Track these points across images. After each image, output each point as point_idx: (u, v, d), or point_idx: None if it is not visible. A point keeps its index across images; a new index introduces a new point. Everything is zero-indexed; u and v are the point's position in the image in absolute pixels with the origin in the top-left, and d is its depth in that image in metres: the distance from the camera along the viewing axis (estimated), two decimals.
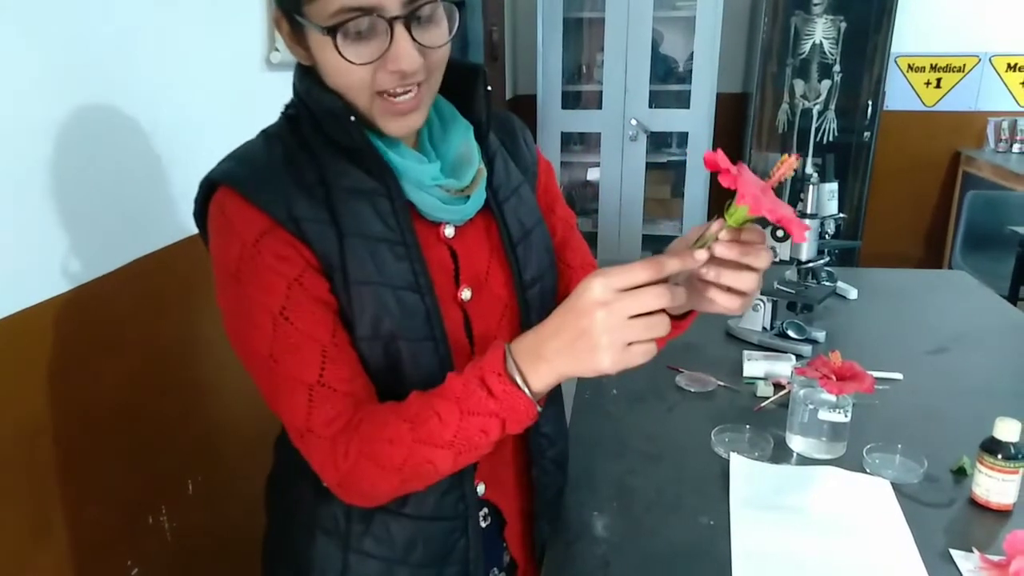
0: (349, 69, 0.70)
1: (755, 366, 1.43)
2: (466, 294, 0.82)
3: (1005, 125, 4.02)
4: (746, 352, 1.48)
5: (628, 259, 0.69)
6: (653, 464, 1.15)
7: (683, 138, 4.06)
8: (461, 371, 0.72)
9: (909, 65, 4.09)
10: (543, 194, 0.94)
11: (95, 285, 1.07)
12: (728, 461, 1.12)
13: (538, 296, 0.86)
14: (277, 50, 1.54)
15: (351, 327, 0.75)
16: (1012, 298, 2.88)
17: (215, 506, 1.40)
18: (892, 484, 1.06)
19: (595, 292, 0.64)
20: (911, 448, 1.13)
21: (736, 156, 4.13)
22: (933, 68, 4.09)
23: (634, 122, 3.99)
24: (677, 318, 0.79)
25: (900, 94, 4.11)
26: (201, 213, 0.78)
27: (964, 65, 4.07)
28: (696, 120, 3.93)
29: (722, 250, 0.68)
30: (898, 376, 1.42)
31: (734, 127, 4.11)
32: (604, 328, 0.64)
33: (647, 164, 4.08)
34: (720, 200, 0.70)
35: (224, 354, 1.43)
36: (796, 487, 1.06)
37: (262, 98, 1.55)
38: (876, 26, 3.64)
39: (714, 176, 0.68)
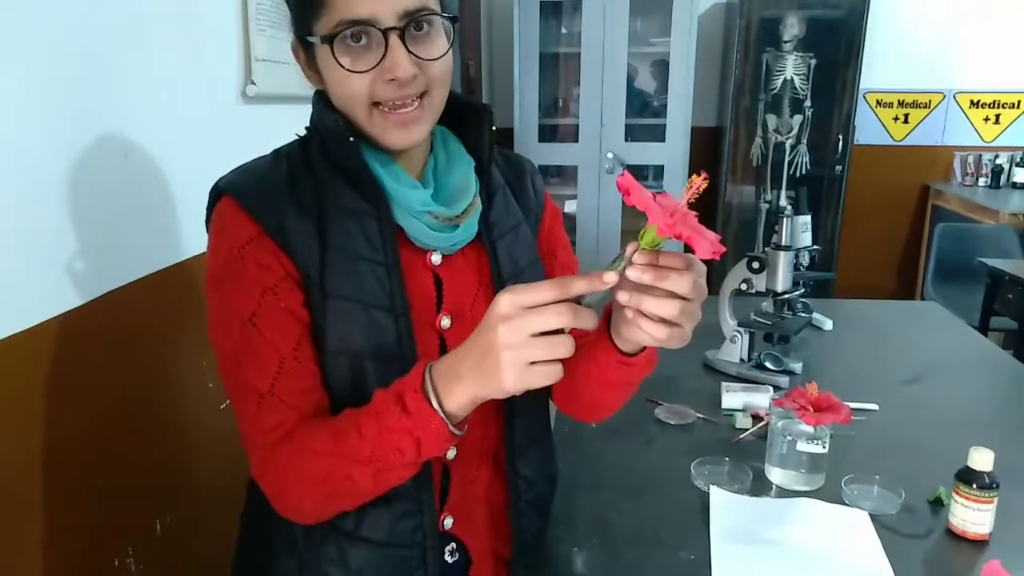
0: (348, 78, 0.74)
1: (733, 398, 1.44)
2: (445, 322, 0.83)
3: (971, 159, 4.13)
4: (724, 384, 1.48)
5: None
6: (633, 498, 1.14)
7: (659, 171, 4.11)
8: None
9: (877, 101, 4.20)
10: (546, 237, 0.95)
11: (58, 321, 1.04)
12: (708, 494, 1.12)
13: None
14: (253, 83, 1.54)
15: (322, 341, 0.76)
16: (983, 328, 2.92)
17: (184, 547, 1.36)
18: (870, 515, 1.06)
19: (501, 307, 0.63)
20: (889, 479, 1.13)
21: (712, 189, 4.19)
22: (900, 104, 4.20)
23: (611, 155, 4.04)
24: (632, 355, 0.77)
25: (870, 129, 4.21)
26: (209, 220, 0.82)
27: (930, 101, 4.18)
28: (672, 153, 3.99)
29: (634, 273, 0.65)
30: (874, 407, 1.43)
31: (709, 160, 4.17)
32: (506, 344, 0.63)
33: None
34: None
35: (194, 393, 1.41)
36: (776, 520, 1.06)
37: (237, 130, 1.55)
38: (845, 62, 3.74)
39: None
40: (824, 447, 1.13)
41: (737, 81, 3.82)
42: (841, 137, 3.83)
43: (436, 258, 0.82)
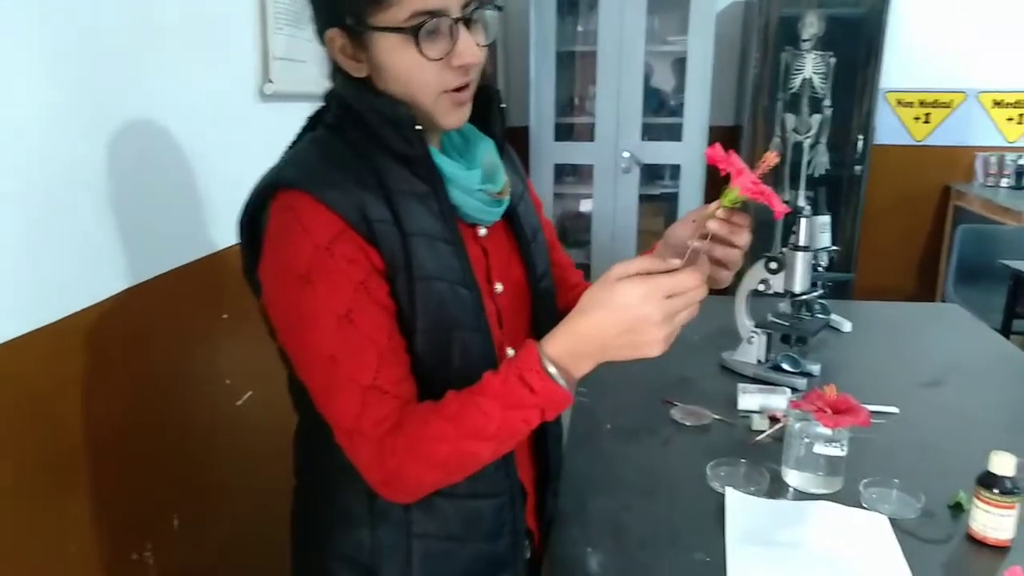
0: (423, 66, 0.77)
1: (750, 399, 1.42)
2: (499, 287, 0.91)
3: (993, 160, 4.07)
4: (741, 385, 1.47)
5: None
6: (648, 499, 1.13)
7: (676, 170, 4.09)
8: (497, 362, 0.81)
9: (898, 100, 4.15)
10: (534, 202, 1.04)
11: (78, 318, 1.05)
12: (723, 496, 1.11)
13: (545, 289, 0.97)
14: (271, 81, 1.55)
15: (411, 322, 0.80)
16: (1004, 331, 2.88)
17: (200, 542, 1.37)
18: (889, 519, 1.05)
19: (640, 293, 0.72)
20: (908, 483, 1.11)
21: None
22: (922, 104, 4.15)
23: (627, 154, 4.02)
24: None
25: (890, 129, 4.16)
26: (252, 219, 0.83)
27: (951, 101, 4.13)
28: (688, 153, 3.96)
29: (715, 226, 0.82)
30: (894, 410, 1.41)
31: None
32: (658, 324, 0.73)
33: (640, 196, 4.10)
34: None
35: (212, 389, 1.42)
36: (792, 522, 1.05)
37: (256, 128, 1.55)
38: (865, 61, 3.69)
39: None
40: (842, 450, 1.12)
41: (755, 80, 3.79)
42: (861, 137, 3.79)
43: (482, 231, 0.90)
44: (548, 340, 0.76)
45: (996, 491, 0.99)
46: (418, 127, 0.80)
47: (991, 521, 0.99)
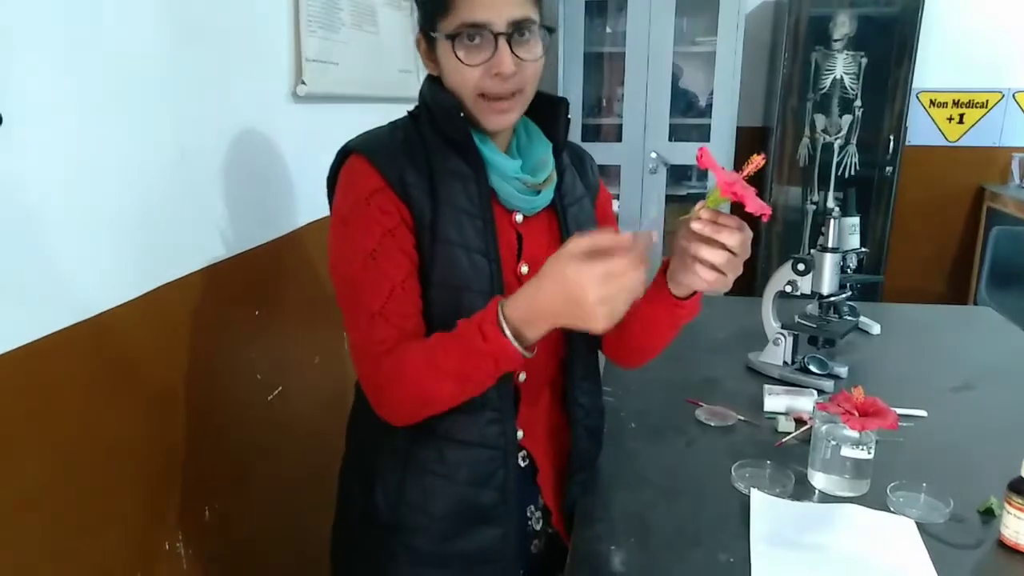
0: (463, 69, 0.91)
1: (776, 401, 1.42)
2: (524, 269, 1.01)
3: None
4: (767, 386, 1.47)
5: None
6: (672, 499, 1.13)
7: (703, 171, 4.07)
8: None
9: (931, 100, 4.08)
10: (601, 214, 1.14)
11: (117, 312, 1.08)
12: (748, 497, 1.11)
13: None
14: (304, 83, 1.58)
15: (429, 275, 0.94)
16: None
17: (231, 533, 1.40)
18: (917, 524, 1.04)
19: (593, 277, 0.78)
20: (937, 487, 1.10)
21: (757, 189, 4.11)
22: (955, 104, 4.08)
23: (654, 155, 4.01)
24: (683, 299, 0.98)
25: (922, 129, 4.10)
26: (333, 177, 0.99)
27: (987, 101, 4.05)
28: (717, 154, 3.90)
29: (697, 225, 0.87)
30: (922, 413, 1.40)
31: None
32: (600, 301, 0.78)
33: (667, 197, 4.09)
34: None
35: (243, 384, 1.44)
36: (818, 525, 1.04)
37: (289, 129, 1.58)
38: (897, 61, 3.64)
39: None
40: (869, 453, 1.12)
41: (785, 80, 3.75)
42: (892, 138, 3.73)
43: (519, 217, 1.01)
44: (510, 300, 0.85)
45: None
46: (462, 114, 0.94)
47: (1023, 527, 0.98)
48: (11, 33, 0.89)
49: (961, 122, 4.10)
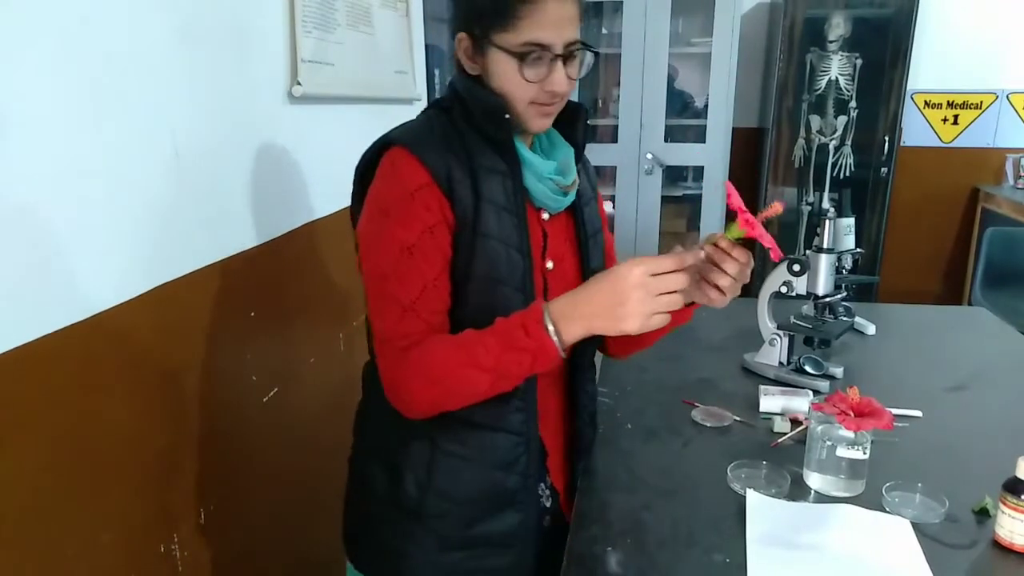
0: (521, 84, 0.96)
1: (772, 401, 1.42)
2: (549, 264, 1.07)
3: (1023, 162, 4.01)
4: (762, 387, 1.47)
5: None
6: (668, 500, 1.13)
7: (699, 172, 4.07)
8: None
9: (926, 102, 4.10)
10: (599, 212, 1.19)
11: (111, 313, 1.08)
12: (744, 497, 1.11)
13: None
14: (299, 84, 1.57)
15: (468, 271, 0.97)
16: None
17: (226, 535, 1.40)
18: (912, 524, 1.04)
19: (635, 277, 0.87)
20: (932, 487, 1.11)
21: (753, 190, 4.14)
22: (950, 105, 4.10)
23: (650, 156, 4.02)
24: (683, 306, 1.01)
25: (917, 130, 4.11)
26: (367, 167, 1.01)
27: (981, 102, 4.07)
28: (712, 154, 3.95)
29: (709, 249, 0.97)
30: (918, 413, 1.40)
31: (750, 161, 4.12)
32: (639, 299, 0.86)
33: (663, 198, 4.09)
34: None
35: (238, 385, 1.44)
36: (814, 525, 1.05)
37: (284, 130, 1.58)
38: (892, 63, 3.66)
39: (729, 212, 0.94)
40: (865, 453, 1.12)
41: (780, 82, 3.76)
42: (887, 139, 3.75)
43: (546, 216, 1.06)
44: (553, 301, 0.91)
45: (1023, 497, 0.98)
46: (507, 116, 0.98)
47: (1018, 527, 0.98)
48: (7, 34, 0.89)
49: (955, 123, 4.12)
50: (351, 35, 1.81)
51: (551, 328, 0.89)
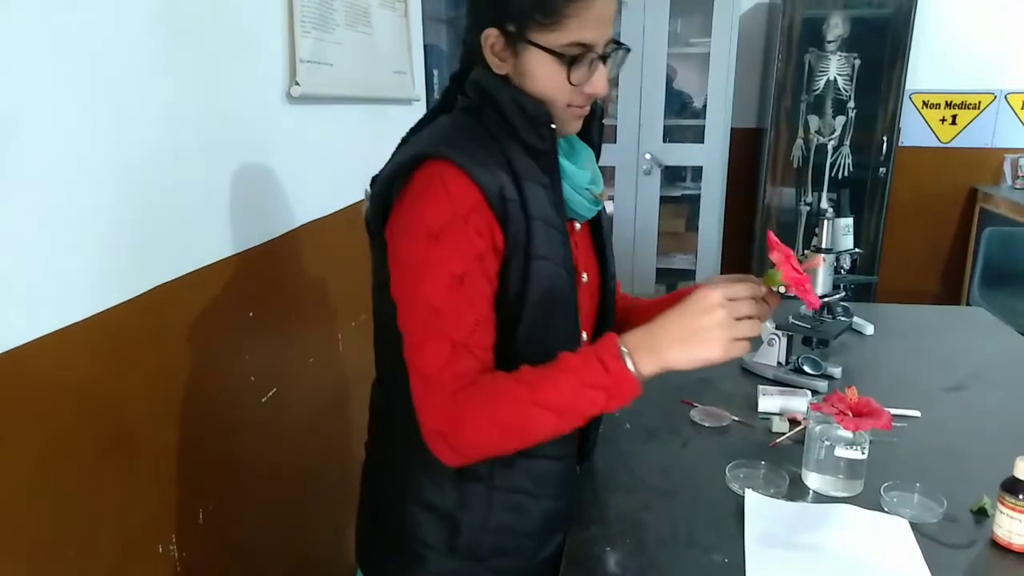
0: (563, 86, 0.90)
1: (770, 401, 1.42)
2: (585, 277, 1.01)
3: (1022, 162, 4.01)
4: (761, 387, 1.47)
5: (643, 292, 0.76)
6: (666, 499, 1.13)
7: (697, 172, 4.07)
8: (578, 343, 0.95)
9: (924, 102, 4.10)
10: None
11: (109, 314, 1.08)
12: (743, 497, 1.11)
13: (612, 289, 1.09)
14: (298, 84, 1.57)
15: (522, 297, 0.89)
16: None
17: (225, 535, 1.40)
18: (910, 524, 1.04)
19: (715, 298, 0.83)
20: (930, 487, 1.11)
21: (751, 190, 4.15)
22: (948, 105, 4.10)
23: (648, 156, 4.02)
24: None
25: (915, 130, 4.11)
26: (391, 183, 0.89)
27: (980, 102, 4.07)
28: (711, 155, 3.95)
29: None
30: (916, 413, 1.40)
31: (748, 162, 4.12)
32: (720, 324, 0.82)
33: (661, 198, 4.09)
34: (734, 236, 0.89)
35: (237, 385, 1.44)
36: (812, 525, 1.05)
37: (283, 130, 1.58)
38: (891, 63, 3.66)
39: (728, 211, 0.99)
40: (863, 453, 1.12)
41: (779, 82, 3.76)
42: (885, 139, 3.75)
43: (578, 226, 1.01)
44: (627, 334, 0.85)
45: (1021, 497, 0.98)
46: (552, 125, 0.90)
47: (1016, 527, 0.99)
48: (5, 34, 0.89)
49: (954, 123, 4.12)
50: (350, 35, 1.81)
51: (629, 362, 0.82)
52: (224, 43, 1.36)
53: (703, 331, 0.82)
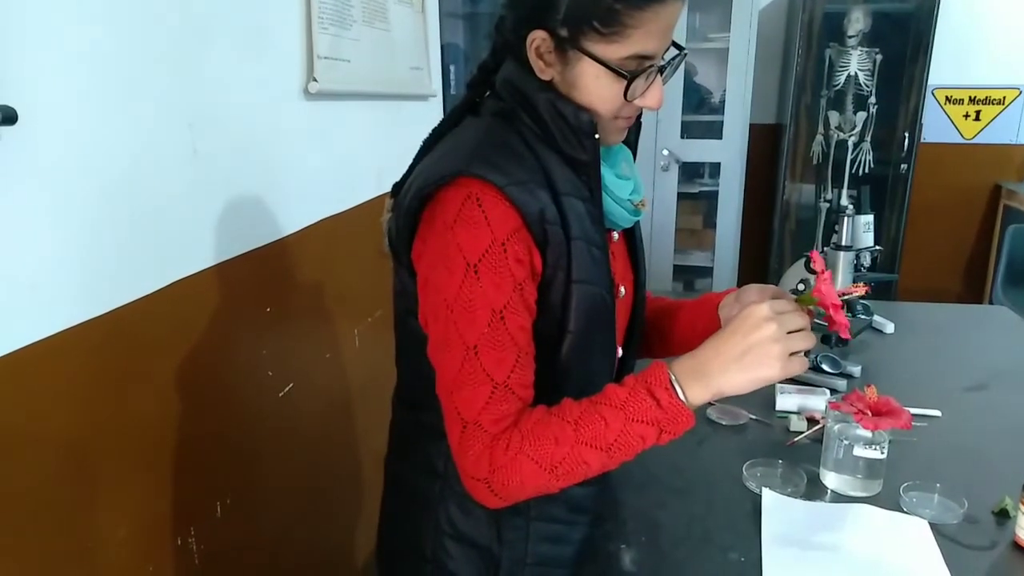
0: (615, 99, 0.82)
1: (788, 400, 1.41)
2: (622, 291, 0.95)
3: None
4: (779, 385, 1.46)
5: (659, 289, 0.74)
6: (682, 498, 1.13)
7: (715, 168, 4.05)
8: (614, 362, 0.91)
9: (947, 97, 4.04)
10: None
11: (129, 309, 1.09)
12: (760, 496, 1.10)
13: (643, 298, 1.03)
14: (315, 80, 1.58)
15: (563, 324, 0.83)
16: None
17: (242, 528, 1.41)
18: (930, 524, 1.03)
19: (764, 311, 0.77)
20: (950, 487, 1.09)
21: (770, 187, 4.11)
22: (972, 100, 4.04)
23: (666, 152, 4.00)
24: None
25: (937, 126, 4.06)
26: (423, 197, 0.81)
27: (1004, 97, 4.01)
28: (729, 151, 3.92)
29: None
30: (936, 413, 1.39)
31: (767, 158, 4.09)
32: (774, 339, 0.76)
33: (679, 194, 4.07)
34: (752, 233, 0.85)
35: (254, 380, 1.45)
36: (830, 525, 1.04)
37: (300, 126, 1.59)
38: (912, 58, 3.61)
39: (746, 208, 0.93)
40: (882, 453, 1.11)
41: (798, 77, 3.72)
42: (907, 135, 3.70)
43: (615, 235, 0.94)
44: (676, 361, 0.79)
45: None
46: (597, 136, 0.83)
47: None
48: (24, 32, 0.90)
49: (977, 119, 4.06)
50: (367, 32, 1.81)
51: (679, 392, 0.76)
52: (242, 39, 1.36)
53: (757, 348, 0.76)
